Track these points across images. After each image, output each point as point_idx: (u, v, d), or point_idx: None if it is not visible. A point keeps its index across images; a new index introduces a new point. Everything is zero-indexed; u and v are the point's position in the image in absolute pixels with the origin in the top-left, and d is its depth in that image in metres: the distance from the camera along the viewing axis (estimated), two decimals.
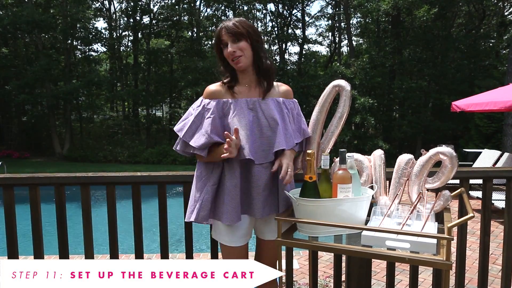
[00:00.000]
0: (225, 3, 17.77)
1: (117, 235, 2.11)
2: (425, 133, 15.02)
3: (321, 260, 4.23)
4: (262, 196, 1.67)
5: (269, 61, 1.72)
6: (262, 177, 1.67)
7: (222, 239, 1.76)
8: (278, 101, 1.74)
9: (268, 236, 1.80)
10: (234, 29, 1.63)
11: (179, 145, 1.73)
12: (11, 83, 15.66)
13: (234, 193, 1.65)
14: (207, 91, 1.74)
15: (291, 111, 1.77)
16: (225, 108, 1.69)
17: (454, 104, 7.29)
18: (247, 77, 1.73)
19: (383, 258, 1.41)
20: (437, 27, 15.03)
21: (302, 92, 16.29)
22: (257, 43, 1.67)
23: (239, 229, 1.74)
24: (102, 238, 2.75)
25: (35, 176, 2.06)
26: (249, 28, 1.66)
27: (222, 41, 1.65)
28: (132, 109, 20.40)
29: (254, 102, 1.70)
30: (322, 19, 21.24)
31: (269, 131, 1.67)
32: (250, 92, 1.73)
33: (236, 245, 1.75)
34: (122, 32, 19.48)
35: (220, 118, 1.68)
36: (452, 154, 1.58)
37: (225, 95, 1.72)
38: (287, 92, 1.79)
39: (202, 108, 1.71)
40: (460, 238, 2.09)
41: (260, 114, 1.69)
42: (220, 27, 1.66)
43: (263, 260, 1.82)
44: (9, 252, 2.11)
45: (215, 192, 1.70)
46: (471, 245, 4.71)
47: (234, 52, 1.63)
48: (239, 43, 1.63)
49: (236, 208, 1.66)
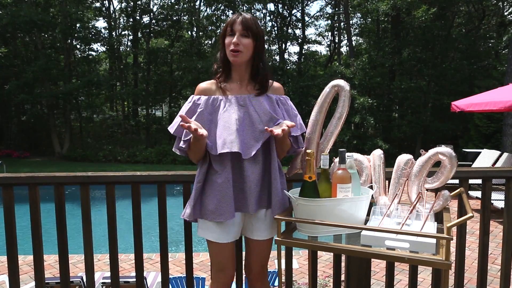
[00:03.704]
0: (225, 3, 17.75)
1: (116, 234, 2.11)
2: (424, 133, 15.04)
3: (320, 260, 4.23)
4: (254, 191, 1.68)
5: (266, 66, 1.73)
6: (255, 171, 1.67)
7: (211, 236, 1.73)
8: (270, 97, 1.74)
9: (258, 235, 1.77)
10: (249, 25, 1.63)
11: (175, 143, 1.75)
12: (11, 83, 15.64)
13: (227, 189, 1.64)
14: (198, 88, 1.76)
15: (284, 106, 1.77)
16: (215, 104, 1.70)
17: (454, 104, 7.30)
18: (240, 74, 1.73)
19: (383, 258, 1.41)
20: (437, 27, 15.03)
21: (302, 92, 16.29)
22: (260, 47, 1.69)
23: (230, 226, 1.73)
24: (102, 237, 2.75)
25: (35, 176, 2.06)
26: (260, 30, 1.67)
27: (233, 29, 1.64)
28: (131, 108, 20.39)
29: (244, 99, 1.70)
30: (321, 19, 21.25)
31: (261, 124, 1.67)
32: (240, 89, 1.73)
33: (226, 242, 1.74)
34: (121, 31, 19.47)
35: (210, 113, 1.69)
36: (451, 154, 1.59)
37: (215, 92, 1.73)
38: (279, 89, 1.80)
39: (192, 104, 1.72)
40: (460, 238, 2.09)
41: (251, 109, 1.69)
42: (237, 16, 1.65)
43: (254, 261, 1.82)
44: (8, 252, 2.11)
45: (200, 189, 1.70)
46: (470, 245, 4.72)
47: (237, 44, 1.63)
48: (246, 39, 1.64)
49: (230, 204, 1.65)
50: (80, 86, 16.06)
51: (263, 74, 1.72)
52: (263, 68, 1.71)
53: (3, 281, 3.07)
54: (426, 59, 15.23)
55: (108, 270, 2.68)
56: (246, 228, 1.80)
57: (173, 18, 18.47)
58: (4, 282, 3.00)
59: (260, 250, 1.80)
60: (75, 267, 4.14)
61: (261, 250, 1.80)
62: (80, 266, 4.17)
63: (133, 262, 2.18)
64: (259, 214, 1.75)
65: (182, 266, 4.07)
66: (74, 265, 4.17)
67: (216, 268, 1.81)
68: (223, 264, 1.78)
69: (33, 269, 2.14)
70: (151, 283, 3.02)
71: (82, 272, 3.32)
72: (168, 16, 18.35)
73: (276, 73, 16.64)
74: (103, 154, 15.65)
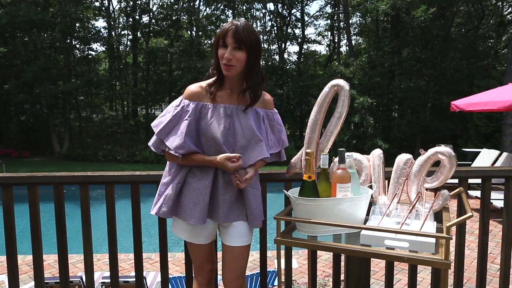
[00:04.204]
0: (225, 3, 17.75)
1: (116, 234, 2.11)
2: (424, 133, 15.05)
3: (320, 260, 4.24)
4: (228, 202, 1.71)
5: (260, 76, 1.70)
6: (232, 184, 1.70)
7: (182, 235, 1.79)
8: (258, 112, 1.75)
9: (232, 241, 1.77)
10: (241, 37, 1.58)
11: (154, 141, 1.74)
12: (10, 83, 15.62)
13: (204, 195, 1.68)
14: (188, 91, 1.73)
15: (270, 121, 1.79)
16: (203, 111, 1.70)
17: (453, 104, 7.30)
18: (231, 83, 1.72)
19: (382, 258, 1.41)
20: (436, 27, 15.04)
21: (301, 91, 16.30)
22: (255, 58, 1.65)
23: (200, 229, 1.76)
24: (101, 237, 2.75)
25: (34, 175, 2.06)
26: (255, 41, 1.62)
27: (225, 41, 1.61)
28: (131, 108, 20.38)
29: (232, 110, 1.70)
30: (321, 18, 21.24)
31: (243, 140, 1.68)
32: (230, 98, 1.72)
33: (197, 243, 1.79)
34: (121, 31, 19.45)
35: (196, 120, 1.69)
36: (450, 153, 1.59)
37: (204, 98, 1.72)
38: (268, 102, 1.80)
39: (180, 109, 1.71)
40: (459, 237, 2.09)
41: (236, 122, 1.69)
42: (229, 27, 1.59)
43: (227, 269, 1.81)
44: (8, 252, 2.11)
45: (179, 190, 1.72)
46: (470, 244, 4.73)
47: (230, 59, 1.60)
48: (239, 52, 1.60)
49: (204, 210, 1.68)
50: (79, 86, 16.04)
51: (256, 83, 1.70)
52: (256, 77, 1.69)
53: (3, 281, 3.07)
54: (426, 59, 15.25)
55: (107, 270, 2.68)
56: (221, 232, 1.83)
57: (173, 18, 18.46)
58: (4, 282, 3.00)
59: (232, 256, 1.78)
60: (75, 267, 4.14)
61: (233, 256, 1.78)
62: (80, 266, 4.17)
63: (133, 262, 2.18)
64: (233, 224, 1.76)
65: (182, 265, 4.06)
66: (73, 265, 4.17)
67: (194, 265, 1.89)
68: (199, 262, 1.85)
69: (32, 269, 2.14)
70: (150, 283, 3.02)
71: (81, 272, 3.32)
72: (167, 16, 18.33)
73: (276, 72, 16.65)
74: (102, 154, 15.64)
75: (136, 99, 18.53)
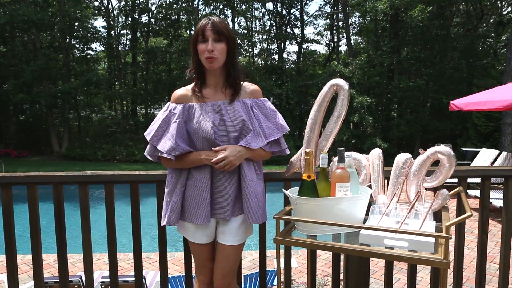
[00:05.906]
0: (224, 2, 17.74)
1: (115, 233, 2.11)
2: (423, 133, 15.06)
3: (319, 259, 4.24)
4: (230, 198, 1.72)
5: (237, 68, 1.74)
6: (230, 178, 1.71)
7: (188, 235, 1.82)
8: (245, 102, 1.75)
9: (225, 240, 1.79)
10: (220, 29, 1.64)
11: (148, 149, 1.77)
12: (9, 82, 15.60)
13: (205, 193, 1.70)
14: (174, 95, 1.79)
15: (261, 109, 1.77)
16: (191, 112, 1.72)
17: (453, 103, 7.31)
18: (215, 79, 1.74)
19: (381, 257, 1.41)
20: (435, 27, 15.05)
21: (301, 91, 16.30)
22: (233, 49, 1.70)
23: (204, 228, 1.78)
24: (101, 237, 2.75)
25: (33, 175, 2.06)
26: (230, 32, 1.68)
27: (204, 35, 1.65)
28: (130, 108, 20.36)
29: (219, 106, 1.72)
30: (320, 18, 21.23)
31: (235, 132, 1.69)
32: (216, 95, 1.74)
33: (200, 243, 1.81)
34: (120, 31, 19.43)
35: (185, 121, 1.71)
36: (450, 153, 1.59)
37: (191, 99, 1.75)
38: (255, 91, 1.80)
39: (168, 113, 1.74)
40: (458, 236, 2.09)
41: (226, 116, 1.70)
42: (206, 22, 1.65)
43: (217, 267, 1.82)
44: (7, 251, 2.11)
45: (182, 195, 1.74)
46: (469, 244, 4.73)
47: (212, 51, 1.63)
48: (220, 43, 1.65)
49: (207, 209, 1.71)
50: (78, 85, 16.03)
51: (235, 76, 1.73)
52: (233, 70, 1.72)
53: (2, 280, 3.07)
54: (425, 58, 15.25)
55: (107, 269, 2.67)
56: (217, 229, 1.84)
57: (172, 17, 18.44)
58: (3, 281, 2.99)
59: (224, 255, 1.80)
60: (74, 266, 4.13)
61: (225, 255, 1.80)
62: (79, 265, 4.16)
63: (132, 261, 2.18)
64: (231, 220, 1.77)
65: (181, 265, 4.06)
66: (73, 264, 4.17)
67: (196, 264, 1.90)
68: (201, 261, 1.86)
69: (31, 268, 2.14)
70: (150, 283, 3.02)
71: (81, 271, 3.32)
72: (166, 15, 18.31)
73: (275, 72, 16.64)
74: (101, 154, 15.62)
75: (135, 99, 18.51)
